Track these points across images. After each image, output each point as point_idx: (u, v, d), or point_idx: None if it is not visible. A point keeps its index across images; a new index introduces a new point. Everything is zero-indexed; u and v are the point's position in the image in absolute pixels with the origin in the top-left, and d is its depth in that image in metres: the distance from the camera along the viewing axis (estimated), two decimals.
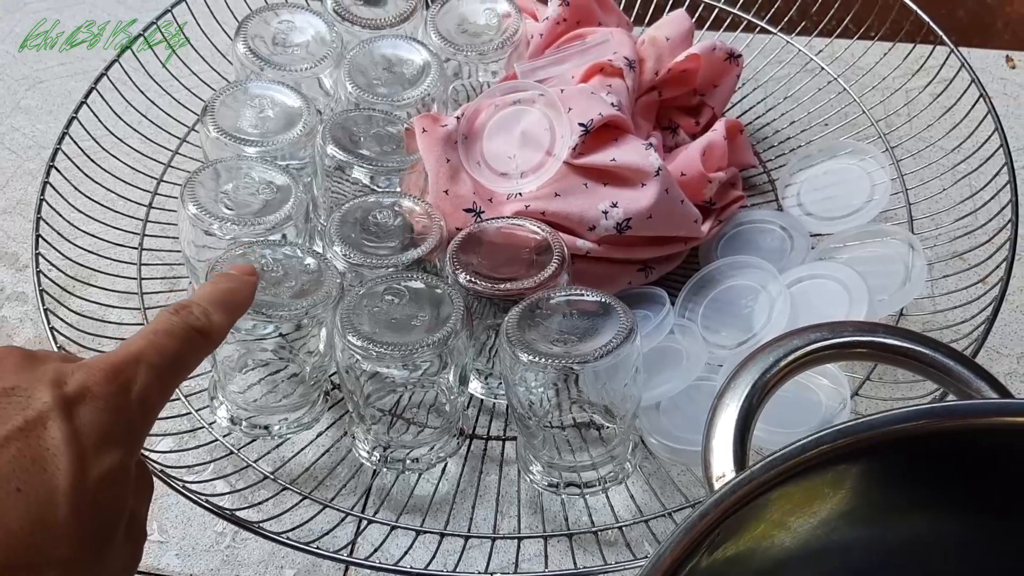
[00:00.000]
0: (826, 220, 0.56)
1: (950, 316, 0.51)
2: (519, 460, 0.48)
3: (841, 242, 0.53)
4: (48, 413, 0.30)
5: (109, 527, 0.31)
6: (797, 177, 0.58)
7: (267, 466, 0.49)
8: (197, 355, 0.36)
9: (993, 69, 0.66)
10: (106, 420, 0.31)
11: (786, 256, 0.54)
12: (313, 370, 0.49)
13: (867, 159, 0.56)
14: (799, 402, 0.47)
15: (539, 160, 0.53)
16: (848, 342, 0.36)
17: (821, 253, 0.53)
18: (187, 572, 0.47)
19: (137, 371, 0.32)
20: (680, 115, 0.61)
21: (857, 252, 0.52)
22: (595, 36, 0.59)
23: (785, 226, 0.55)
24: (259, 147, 0.53)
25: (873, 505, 0.33)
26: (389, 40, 0.58)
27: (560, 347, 0.43)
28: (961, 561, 0.34)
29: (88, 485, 0.30)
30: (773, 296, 0.50)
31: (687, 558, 0.29)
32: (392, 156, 0.53)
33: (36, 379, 0.31)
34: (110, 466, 0.31)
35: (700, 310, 0.52)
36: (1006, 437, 0.31)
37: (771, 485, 0.30)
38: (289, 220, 0.50)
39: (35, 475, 0.29)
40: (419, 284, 0.46)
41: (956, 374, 0.35)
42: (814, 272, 0.51)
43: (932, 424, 0.31)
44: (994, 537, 0.33)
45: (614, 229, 0.51)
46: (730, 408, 0.35)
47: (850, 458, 0.31)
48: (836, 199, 0.56)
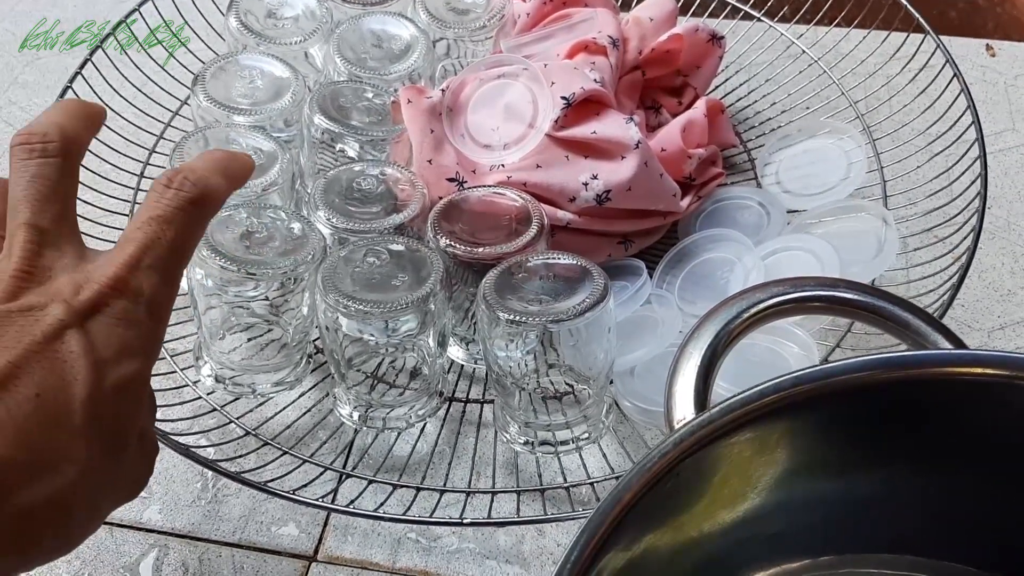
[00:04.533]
0: (803, 196, 0.57)
1: (920, 286, 0.52)
2: (496, 420, 0.49)
3: (816, 217, 0.54)
4: (64, 327, 0.32)
5: (124, 433, 0.33)
6: (776, 156, 0.59)
7: (249, 423, 0.50)
8: (196, 232, 0.35)
9: (973, 57, 0.67)
10: (120, 332, 0.32)
11: (763, 231, 0.55)
12: (296, 332, 0.50)
13: (844, 138, 0.58)
14: (770, 369, 0.48)
15: (522, 132, 0.54)
16: (809, 296, 0.37)
17: (797, 228, 0.54)
18: (169, 526, 0.48)
19: (141, 278, 0.33)
20: (663, 95, 0.62)
21: (831, 227, 0.53)
22: (580, 15, 0.61)
23: (763, 202, 0.56)
24: (248, 115, 0.54)
25: (837, 457, 0.34)
26: (378, 16, 0.60)
27: (536, 307, 0.44)
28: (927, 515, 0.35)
29: (105, 392, 0.32)
30: (748, 267, 0.51)
31: (647, 494, 0.30)
32: (378, 127, 0.55)
33: (50, 296, 0.32)
34: (127, 374, 0.32)
35: (677, 282, 0.54)
36: (962, 388, 0.32)
37: (729, 429, 0.31)
38: (275, 184, 0.51)
39: (53, 382, 0.31)
40: (400, 246, 0.48)
41: (914, 327, 0.36)
42: (788, 244, 0.52)
43: (888, 373, 0.32)
44: (957, 490, 0.34)
45: (594, 200, 0.52)
46: (693, 356, 0.36)
47: (808, 406, 0.32)
48: (813, 177, 0.57)
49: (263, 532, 0.48)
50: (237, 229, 0.48)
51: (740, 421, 0.31)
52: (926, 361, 0.32)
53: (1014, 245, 0.56)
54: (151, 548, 0.47)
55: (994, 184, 0.59)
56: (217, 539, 0.48)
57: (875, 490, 0.35)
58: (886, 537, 0.35)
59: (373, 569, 0.46)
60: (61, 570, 0.47)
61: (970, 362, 0.31)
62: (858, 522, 0.36)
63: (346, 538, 0.47)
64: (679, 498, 0.32)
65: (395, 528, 0.47)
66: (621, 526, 0.29)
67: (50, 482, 0.30)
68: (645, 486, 0.30)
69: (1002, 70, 0.65)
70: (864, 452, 0.34)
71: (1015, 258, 0.56)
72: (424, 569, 0.46)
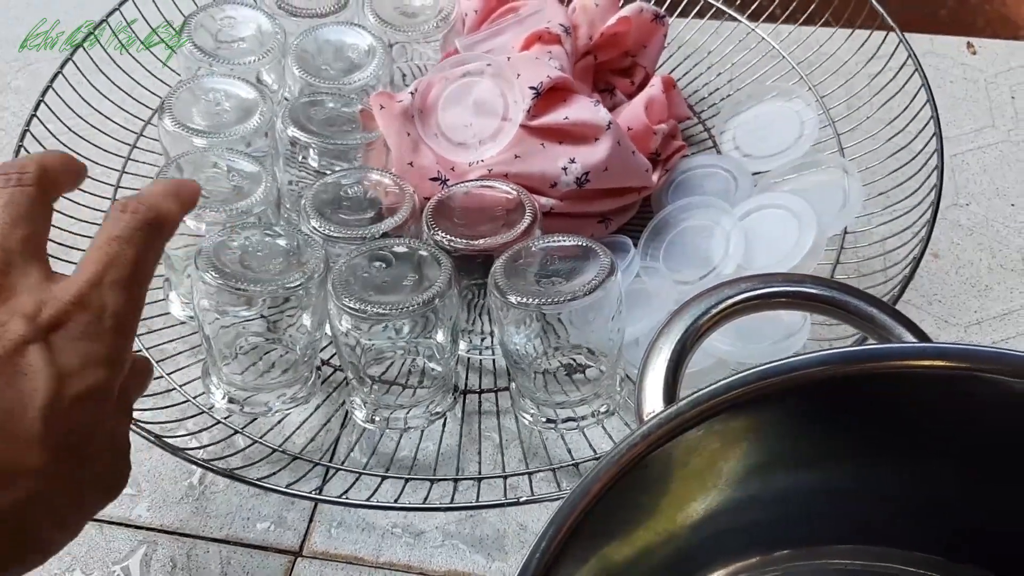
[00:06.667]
0: (763, 158, 0.59)
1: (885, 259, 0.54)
2: (513, 404, 0.50)
3: (780, 176, 0.57)
4: (25, 341, 0.32)
5: (88, 441, 0.34)
6: (731, 123, 0.62)
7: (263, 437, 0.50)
8: (155, 250, 0.37)
9: (954, 55, 0.69)
10: (84, 345, 0.33)
11: (732, 195, 0.58)
12: (304, 348, 0.51)
13: (793, 99, 0.61)
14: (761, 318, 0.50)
15: (496, 126, 0.55)
16: (776, 291, 0.38)
17: (764, 188, 0.57)
18: (158, 523, 0.49)
19: (104, 294, 0.34)
20: (615, 77, 0.64)
21: (796, 183, 0.56)
22: (528, 7, 0.62)
23: (728, 168, 0.59)
24: (219, 138, 0.54)
25: (804, 449, 0.34)
26: (332, 28, 0.60)
27: (548, 288, 0.46)
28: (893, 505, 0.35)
29: (63, 403, 0.32)
30: (727, 230, 0.54)
31: (615, 485, 0.30)
32: (351, 135, 0.55)
33: (12, 312, 0.33)
34: (91, 384, 0.33)
35: (661, 253, 0.56)
36: (925, 380, 0.32)
37: (697, 421, 0.31)
38: (264, 203, 0.51)
39: (12, 395, 0.32)
40: (403, 248, 0.48)
41: (879, 321, 0.37)
42: (762, 203, 0.55)
43: (852, 366, 0.32)
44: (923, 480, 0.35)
45: (574, 183, 0.54)
46: (663, 351, 0.36)
47: (774, 399, 0.32)
48: (770, 138, 0.60)
49: (250, 528, 0.49)
50: (234, 251, 0.48)
51: (708, 413, 0.31)
52: (889, 354, 0.33)
53: (992, 241, 0.58)
54: (140, 544, 0.48)
55: (973, 181, 0.61)
56: (205, 535, 0.49)
57: (843, 482, 0.35)
58: (854, 527, 0.36)
59: (358, 564, 0.47)
60: (51, 566, 0.47)
61: (932, 355, 0.32)
62: (825, 513, 0.36)
63: (331, 534, 0.48)
64: (648, 491, 0.33)
65: (380, 523, 0.48)
66: (590, 518, 0.29)
67: (7, 494, 0.31)
68: (614, 477, 0.30)
69: (982, 68, 0.68)
70: (831, 444, 0.34)
71: (992, 254, 0.58)
72: (408, 563, 0.47)
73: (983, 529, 0.35)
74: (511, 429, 0.51)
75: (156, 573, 0.47)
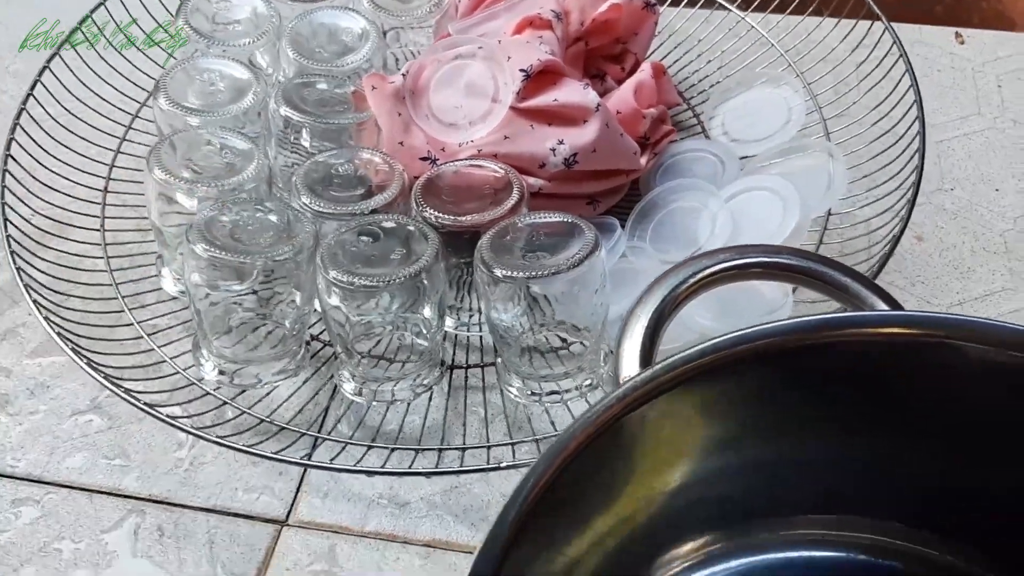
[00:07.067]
0: (751, 143, 0.60)
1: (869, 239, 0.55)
2: (500, 378, 0.51)
3: (767, 160, 0.58)
4: None
5: None
6: (719, 109, 0.63)
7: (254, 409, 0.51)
8: None
9: (943, 44, 0.70)
10: None
11: (719, 179, 0.58)
12: (294, 322, 0.51)
13: (782, 86, 0.61)
14: (743, 294, 0.51)
15: (486, 108, 0.56)
16: (753, 262, 0.39)
17: (751, 171, 0.58)
18: (146, 492, 0.50)
19: None
20: (606, 63, 0.65)
21: (783, 167, 0.57)
22: None
23: (715, 152, 0.60)
24: (212, 117, 0.55)
25: (775, 417, 0.35)
26: (327, 11, 0.61)
27: (532, 262, 0.46)
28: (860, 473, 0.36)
29: None
30: (714, 211, 0.55)
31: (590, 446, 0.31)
32: (343, 115, 0.56)
33: None
34: None
35: (648, 233, 0.56)
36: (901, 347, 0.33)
37: (671, 385, 0.32)
38: (255, 180, 0.52)
39: None
40: (391, 223, 0.49)
41: (853, 291, 0.38)
42: (748, 185, 0.55)
43: (826, 333, 0.33)
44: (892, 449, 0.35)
45: (563, 164, 0.55)
46: (641, 318, 0.37)
47: (749, 365, 0.33)
48: (758, 124, 0.61)
49: (237, 498, 0.49)
50: (226, 226, 0.49)
51: (681, 378, 0.32)
52: (860, 321, 0.33)
53: (976, 225, 0.59)
54: (129, 513, 0.49)
55: (958, 166, 0.62)
56: (193, 505, 0.49)
57: (812, 451, 0.36)
58: (819, 496, 0.37)
59: (343, 533, 0.48)
60: (41, 535, 0.48)
61: (901, 323, 0.33)
62: (792, 482, 0.36)
63: (317, 504, 0.49)
64: (624, 456, 0.33)
65: (366, 493, 0.49)
66: (566, 476, 0.30)
67: None
68: (590, 436, 0.31)
69: (970, 57, 0.68)
70: (801, 412, 0.35)
71: (975, 237, 0.59)
72: (392, 533, 0.48)
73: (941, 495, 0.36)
74: (496, 403, 0.51)
75: (144, 541, 0.48)
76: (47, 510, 0.49)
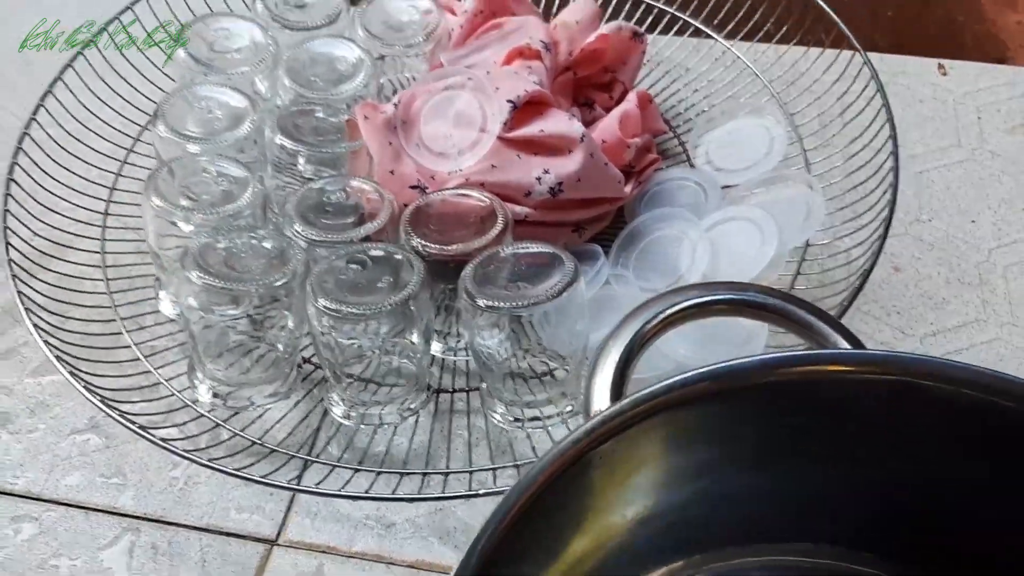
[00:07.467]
0: (733, 172, 0.62)
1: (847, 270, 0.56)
2: (483, 404, 0.53)
3: (748, 190, 0.60)
4: None
5: None
6: (704, 138, 0.65)
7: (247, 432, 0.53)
8: None
9: (925, 75, 0.71)
10: None
11: (702, 207, 0.60)
12: (286, 346, 0.53)
13: (765, 116, 0.63)
14: (722, 323, 0.52)
15: (474, 137, 0.58)
16: (721, 299, 0.40)
17: (732, 200, 0.59)
18: (141, 511, 0.51)
19: None
20: (594, 91, 0.66)
21: (763, 197, 0.59)
22: (511, 24, 0.65)
23: (699, 181, 0.61)
24: (210, 144, 0.56)
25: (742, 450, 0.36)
26: (323, 40, 0.63)
27: (514, 292, 0.48)
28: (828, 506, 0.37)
29: None
30: (694, 240, 0.56)
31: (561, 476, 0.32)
32: (338, 143, 0.58)
33: None
34: None
35: (631, 261, 0.58)
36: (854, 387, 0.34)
37: (638, 419, 0.33)
38: (251, 207, 0.53)
39: None
40: (379, 252, 0.51)
41: (816, 328, 0.39)
42: (727, 215, 0.57)
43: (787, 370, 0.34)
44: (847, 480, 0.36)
45: (548, 193, 0.56)
46: (612, 354, 0.38)
47: (712, 400, 0.34)
48: (741, 153, 0.62)
49: (229, 518, 0.51)
50: (220, 252, 0.50)
51: (648, 412, 0.33)
52: (822, 359, 0.35)
53: (951, 256, 0.60)
54: (124, 531, 0.50)
55: (936, 198, 0.63)
56: (186, 523, 0.51)
57: (777, 480, 0.37)
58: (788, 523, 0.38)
59: (331, 553, 0.50)
60: (39, 552, 0.50)
61: (859, 361, 0.34)
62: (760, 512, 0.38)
63: (306, 524, 0.51)
64: (594, 487, 0.34)
65: (353, 515, 0.51)
66: (534, 508, 0.31)
67: None
68: (559, 468, 0.32)
69: (952, 88, 0.70)
70: (768, 445, 0.36)
71: (951, 268, 0.60)
72: (379, 553, 0.49)
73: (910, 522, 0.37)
74: (481, 427, 0.53)
75: (138, 559, 0.49)
76: (45, 527, 0.51)
